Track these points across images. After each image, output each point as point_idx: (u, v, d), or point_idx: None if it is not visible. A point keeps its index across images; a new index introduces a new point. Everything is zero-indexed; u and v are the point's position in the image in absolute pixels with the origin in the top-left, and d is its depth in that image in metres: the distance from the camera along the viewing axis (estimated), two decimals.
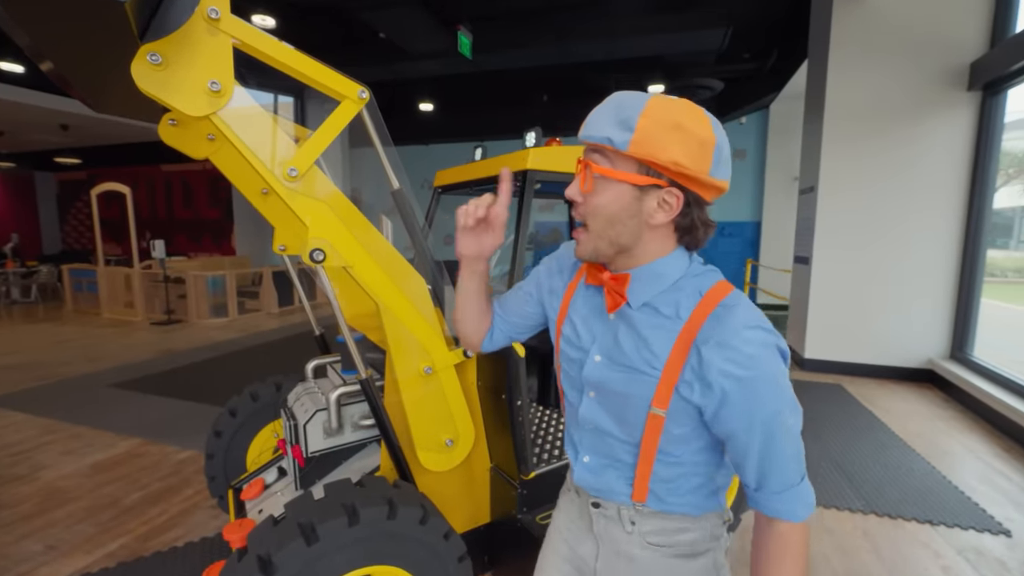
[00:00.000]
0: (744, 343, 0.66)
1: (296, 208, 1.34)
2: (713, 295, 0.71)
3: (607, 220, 0.71)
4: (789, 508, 0.70)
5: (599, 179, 0.70)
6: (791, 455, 0.69)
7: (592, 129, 0.68)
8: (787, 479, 0.70)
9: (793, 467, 0.70)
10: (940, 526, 2.29)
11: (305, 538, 1.16)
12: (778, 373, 0.67)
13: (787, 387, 0.68)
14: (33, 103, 6.78)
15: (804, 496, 0.71)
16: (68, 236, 13.49)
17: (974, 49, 3.97)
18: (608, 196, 0.70)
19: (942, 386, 4.15)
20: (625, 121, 0.65)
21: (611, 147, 0.67)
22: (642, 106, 0.66)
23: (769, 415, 0.67)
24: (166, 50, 1.12)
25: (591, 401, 0.81)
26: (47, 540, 2.19)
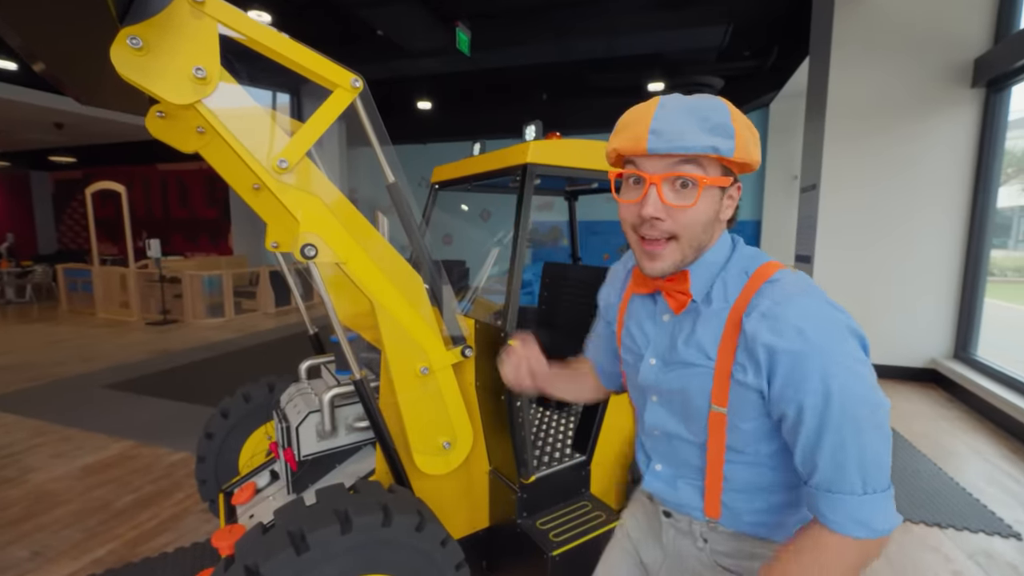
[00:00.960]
0: (788, 313, 0.63)
1: (287, 202, 1.29)
2: (760, 274, 0.69)
3: (703, 227, 0.69)
4: (835, 516, 0.61)
5: (701, 189, 0.66)
6: (852, 451, 0.60)
7: (686, 140, 0.64)
8: (842, 479, 0.61)
9: (853, 467, 0.60)
10: (949, 529, 2.25)
11: (295, 547, 1.11)
12: (836, 348, 0.61)
13: (852, 367, 0.61)
14: (27, 101, 6.71)
15: (864, 511, 0.60)
16: (64, 236, 13.41)
17: (978, 45, 3.92)
18: (705, 203, 0.68)
19: (946, 386, 4.10)
20: (722, 128, 0.65)
21: (716, 155, 0.65)
22: (727, 110, 0.66)
23: (822, 395, 0.60)
24: (148, 34, 1.06)
25: (654, 405, 0.80)
26: (33, 546, 2.13)
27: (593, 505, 1.80)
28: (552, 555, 1.53)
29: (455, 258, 7.86)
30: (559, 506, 1.79)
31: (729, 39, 5.73)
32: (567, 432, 2.13)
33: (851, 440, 0.60)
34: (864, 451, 0.61)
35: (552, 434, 2.11)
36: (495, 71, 6.99)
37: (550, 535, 1.62)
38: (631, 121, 0.69)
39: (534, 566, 1.59)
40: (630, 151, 0.68)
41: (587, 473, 1.88)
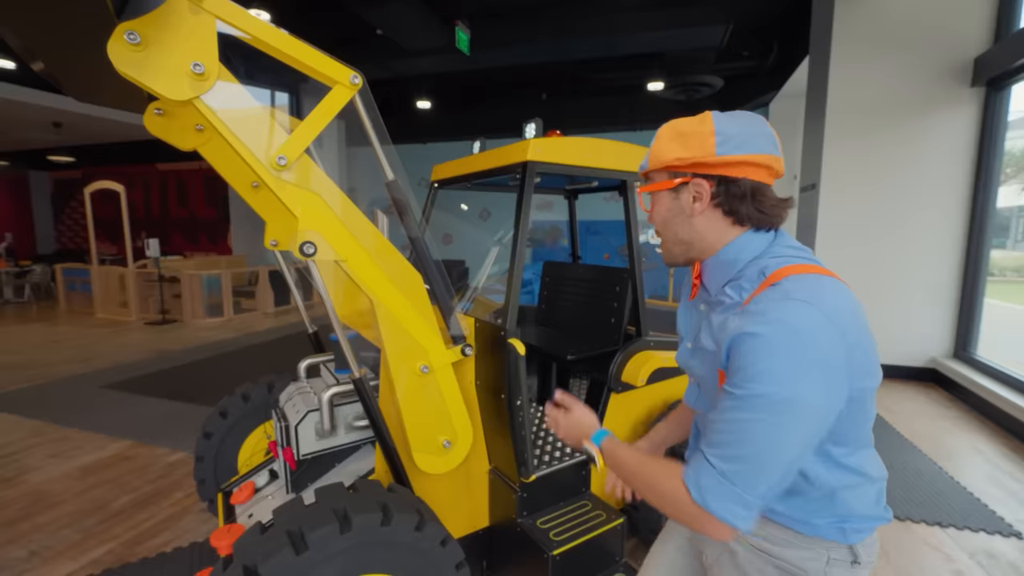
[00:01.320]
0: (762, 313, 0.67)
1: (285, 199, 1.28)
2: (774, 276, 0.71)
3: (662, 224, 0.85)
4: (688, 469, 0.71)
5: (649, 197, 0.86)
6: (733, 442, 0.66)
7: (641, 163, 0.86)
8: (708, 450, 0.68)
9: (722, 448, 0.67)
10: (950, 528, 2.24)
11: (294, 547, 1.10)
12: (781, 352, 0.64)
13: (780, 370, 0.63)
14: (25, 100, 6.69)
15: (705, 478, 0.67)
16: (63, 236, 13.37)
17: (978, 44, 3.92)
18: (657, 207, 0.85)
19: (946, 385, 4.10)
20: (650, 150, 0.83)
21: (643, 171, 0.85)
22: (662, 128, 0.82)
23: (743, 379, 0.66)
24: (145, 29, 1.05)
25: (693, 387, 0.98)
26: (30, 546, 2.12)
27: (593, 504, 1.80)
28: (552, 554, 1.53)
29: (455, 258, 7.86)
30: (559, 505, 1.78)
31: (729, 38, 5.72)
32: None
33: (736, 427, 0.66)
34: (741, 448, 0.66)
35: (553, 433, 2.10)
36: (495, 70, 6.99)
37: (550, 534, 1.61)
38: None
39: (534, 565, 1.58)
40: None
41: (587, 472, 1.87)
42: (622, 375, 1.89)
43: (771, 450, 0.65)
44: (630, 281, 2.01)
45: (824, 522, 0.77)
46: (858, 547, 0.79)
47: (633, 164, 1.92)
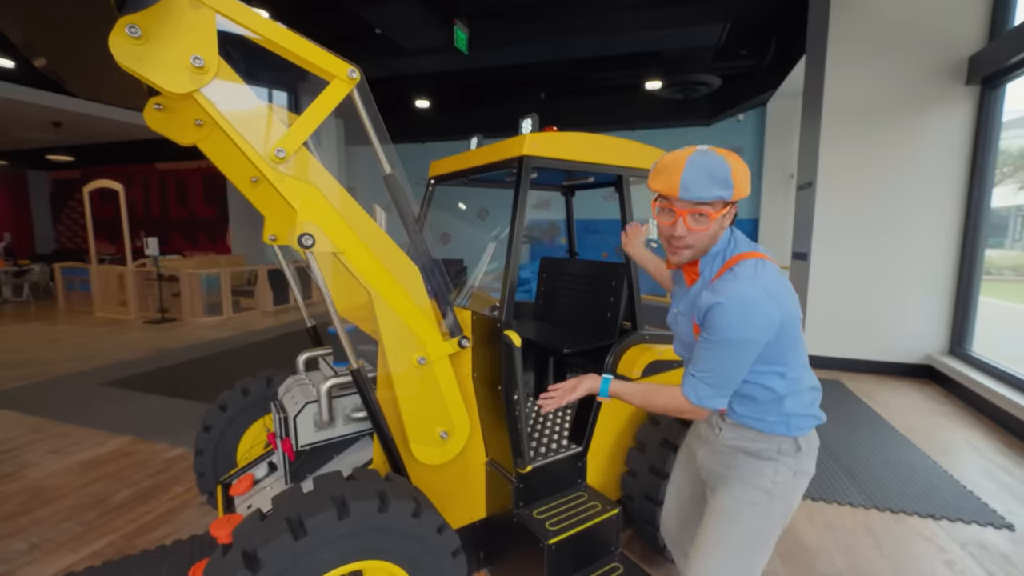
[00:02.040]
0: (725, 291, 1.04)
1: (284, 191, 1.29)
2: (729, 263, 1.10)
3: (711, 239, 1.10)
4: (684, 383, 1.12)
5: (706, 220, 1.05)
6: (709, 362, 1.07)
7: (702, 192, 1.02)
8: (694, 368, 1.10)
9: (703, 366, 1.08)
10: (943, 520, 2.26)
11: (292, 532, 1.11)
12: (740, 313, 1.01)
13: (738, 323, 1.02)
14: (24, 99, 6.69)
15: (698, 387, 1.09)
16: (62, 235, 13.37)
17: (972, 43, 3.95)
18: (713, 226, 1.07)
19: (941, 382, 4.12)
20: (725, 182, 1.02)
21: (721, 200, 1.04)
22: (728, 167, 1.02)
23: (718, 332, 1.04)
24: (146, 23, 1.07)
25: (678, 341, 1.26)
26: (31, 539, 2.13)
27: (589, 495, 1.82)
28: (548, 543, 1.54)
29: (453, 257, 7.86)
30: (555, 496, 1.80)
31: (726, 37, 5.75)
32: (564, 424, 2.14)
33: (711, 355, 1.07)
34: (713, 364, 1.07)
35: (549, 426, 2.12)
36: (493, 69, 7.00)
37: (546, 524, 1.63)
38: (666, 169, 1.05)
39: (530, 555, 1.60)
40: (666, 193, 1.06)
41: (583, 464, 1.89)
42: (618, 368, 1.91)
43: (732, 368, 1.07)
44: (625, 276, 2.03)
45: (774, 419, 1.14)
46: (800, 439, 1.16)
47: (628, 159, 1.94)
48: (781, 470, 1.15)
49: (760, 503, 1.15)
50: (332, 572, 1.18)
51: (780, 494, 1.15)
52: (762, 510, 1.15)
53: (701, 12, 5.35)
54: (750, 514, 1.15)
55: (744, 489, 1.16)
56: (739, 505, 1.16)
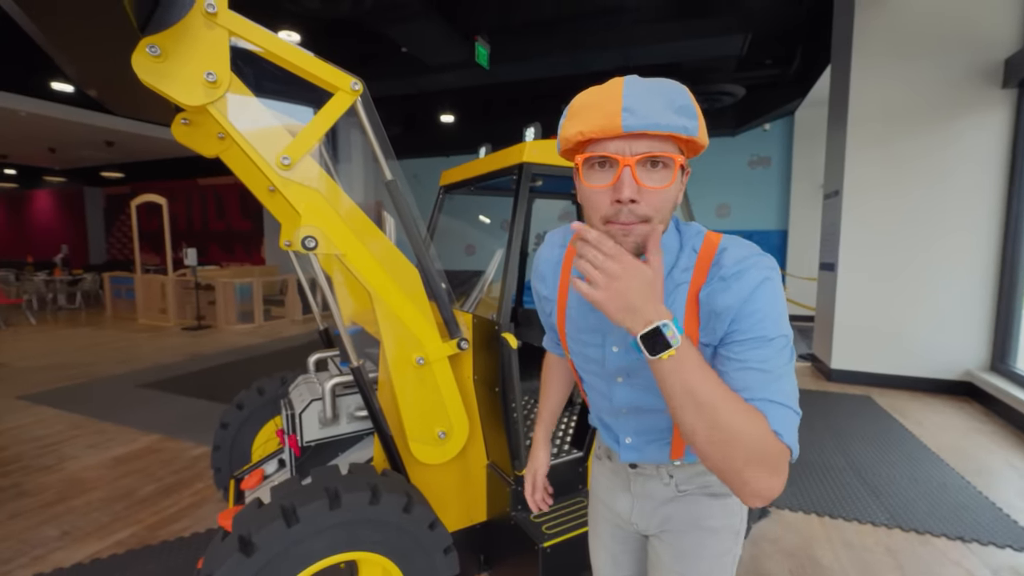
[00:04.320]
0: (741, 271, 0.68)
1: (289, 196, 1.38)
2: (707, 246, 0.74)
3: (673, 204, 0.71)
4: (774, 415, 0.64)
5: (667, 173, 0.66)
6: (783, 371, 0.67)
7: (661, 119, 0.63)
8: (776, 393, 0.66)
9: (780, 384, 0.66)
10: (973, 543, 2.13)
11: (286, 519, 1.16)
12: (776, 293, 0.68)
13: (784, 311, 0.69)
14: (80, 120, 7.24)
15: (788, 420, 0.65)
16: (113, 247, 14.23)
17: (1008, 44, 3.79)
18: (676, 184, 0.69)
19: (982, 399, 3.89)
20: (687, 109, 0.66)
21: (684, 136, 0.65)
22: (687, 93, 0.68)
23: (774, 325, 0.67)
24: (165, 43, 1.18)
25: (621, 386, 0.83)
26: (63, 526, 2.27)
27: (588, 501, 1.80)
28: (543, 547, 1.54)
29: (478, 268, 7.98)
30: (555, 501, 1.79)
31: (748, 47, 5.68)
32: (568, 429, 2.14)
33: (784, 366, 0.67)
34: (790, 379, 0.68)
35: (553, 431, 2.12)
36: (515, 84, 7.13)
37: (543, 527, 1.63)
38: (595, 102, 0.67)
39: (525, 557, 1.61)
40: (601, 131, 0.64)
41: (584, 470, 1.88)
42: None
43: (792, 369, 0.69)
44: None
45: None
46: None
47: None
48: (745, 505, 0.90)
49: (734, 551, 0.90)
50: (324, 561, 1.22)
51: (742, 531, 0.92)
52: (733, 556, 0.91)
53: (721, 23, 5.32)
54: (729, 567, 0.90)
55: (717, 541, 0.88)
56: (721, 559, 0.89)
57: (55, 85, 6.47)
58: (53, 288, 9.73)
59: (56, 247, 12.18)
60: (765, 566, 1.99)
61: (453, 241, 10.38)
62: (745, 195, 8.48)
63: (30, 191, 14.56)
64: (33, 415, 3.76)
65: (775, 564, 2.00)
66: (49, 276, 9.82)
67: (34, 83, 6.49)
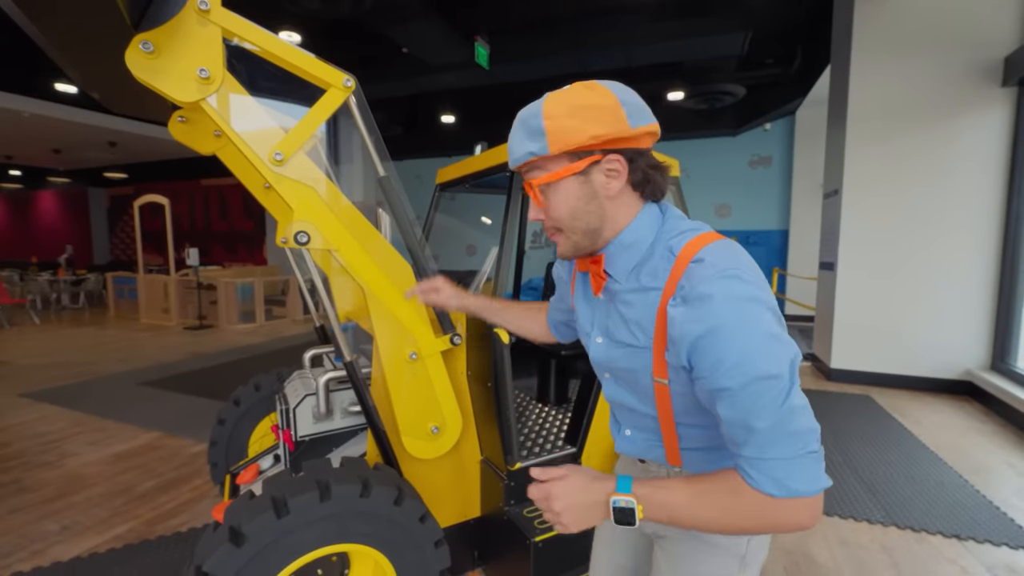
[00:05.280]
0: (712, 296, 0.61)
1: (282, 191, 1.39)
2: (685, 252, 0.68)
3: (570, 215, 0.73)
4: (755, 476, 0.62)
5: (545, 188, 0.73)
6: (769, 423, 0.60)
7: (514, 154, 0.74)
8: (764, 449, 0.61)
9: (769, 436, 0.61)
10: (969, 541, 2.13)
11: (276, 511, 1.17)
12: (749, 327, 0.60)
13: (762, 344, 0.60)
14: (84, 121, 7.29)
15: (776, 470, 0.61)
16: (116, 247, 14.32)
17: (1007, 42, 3.78)
18: (560, 196, 0.73)
19: (982, 398, 3.87)
20: (534, 130, 0.70)
21: (537, 157, 0.71)
22: (540, 111, 0.71)
23: (743, 379, 0.60)
24: (158, 39, 1.19)
25: (609, 382, 0.85)
26: (63, 521, 2.29)
27: None
28: (534, 541, 1.55)
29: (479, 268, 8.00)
30: None
31: (749, 46, 5.69)
32: (562, 426, 2.15)
33: (765, 412, 0.60)
34: (779, 415, 0.60)
35: (547, 427, 2.13)
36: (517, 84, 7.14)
37: (535, 522, 1.64)
38: None
39: (517, 552, 1.61)
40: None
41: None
42: None
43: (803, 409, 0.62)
44: None
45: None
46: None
47: None
48: (752, 546, 0.82)
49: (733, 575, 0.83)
50: (314, 552, 1.23)
51: (753, 559, 0.82)
52: None
53: (721, 22, 5.32)
54: None
55: (715, 557, 0.82)
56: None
57: (59, 86, 6.53)
58: (57, 288, 9.80)
59: (60, 247, 12.26)
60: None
61: (454, 241, 10.39)
62: (746, 195, 8.47)
63: (35, 192, 14.68)
64: (35, 412, 3.79)
65: (769, 561, 2.00)
66: (53, 276, 9.89)
67: (38, 84, 6.55)
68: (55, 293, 9.81)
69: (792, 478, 0.61)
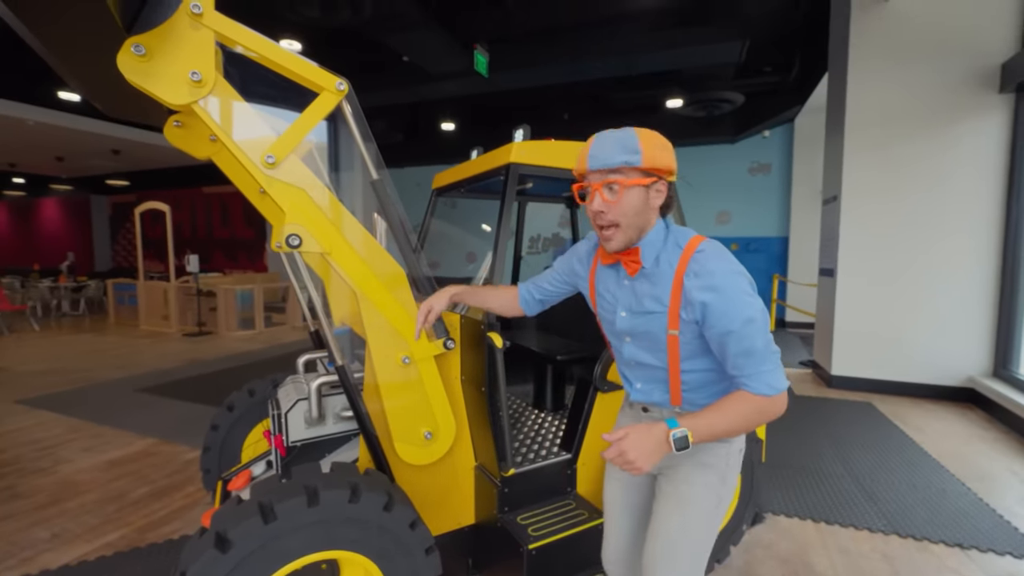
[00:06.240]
0: (713, 272, 0.97)
1: (274, 194, 1.38)
2: (690, 246, 1.03)
3: (632, 213, 1.02)
4: (756, 386, 0.96)
5: (625, 190, 1.01)
6: (759, 349, 0.95)
7: (607, 159, 0.99)
8: (757, 366, 0.95)
9: (759, 358, 0.95)
10: (972, 550, 2.09)
11: (263, 516, 1.16)
12: (740, 291, 0.96)
13: (748, 300, 0.96)
14: (87, 129, 7.34)
15: (768, 378, 0.95)
16: (118, 254, 14.36)
17: (1004, 49, 3.80)
18: (631, 198, 1.02)
19: (985, 406, 3.84)
20: (632, 148, 0.99)
21: (629, 166, 0.99)
22: (636, 136, 1.00)
23: (740, 322, 0.95)
24: (150, 42, 1.19)
25: (629, 345, 1.15)
26: (54, 529, 2.27)
27: (577, 504, 1.79)
28: (528, 548, 1.53)
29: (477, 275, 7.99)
30: (543, 503, 1.78)
31: (747, 54, 5.71)
32: (558, 432, 2.12)
33: (755, 342, 0.95)
34: (766, 342, 0.96)
35: (542, 433, 2.11)
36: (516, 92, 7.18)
37: (529, 529, 1.61)
38: (580, 152, 1.06)
39: (511, 560, 1.59)
40: (579, 170, 1.06)
41: (573, 472, 1.87)
42: (607, 375, 1.89)
43: (769, 335, 0.97)
44: None
45: (722, 393, 1.08)
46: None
47: None
48: (732, 452, 1.12)
49: (714, 487, 1.11)
50: (302, 559, 1.21)
51: (730, 477, 1.12)
52: (716, 496, 1.11)
53: (719, 30, 5.36)
54: (710, 499, 1.10)
55: (702, 472, 1.10)
56: (700, 491, 1.10)
57: (62, 94, 6.58)
58: (58, 295, 9.81)
59: (63, 255, 12.31)
60: (758, 572, 1.96)
61: (454, 248, 10.41)
62: (745, 202, 8.47)
63: (37, 199, 14.76)
64: (31, 419, 3.77)
65: (768, 570, 1.97)
66: (54, 283, 9.90)
67: (41, 92, 6.60)
68: (56, 300, 9.82)
69: (776, 380, 0.96)
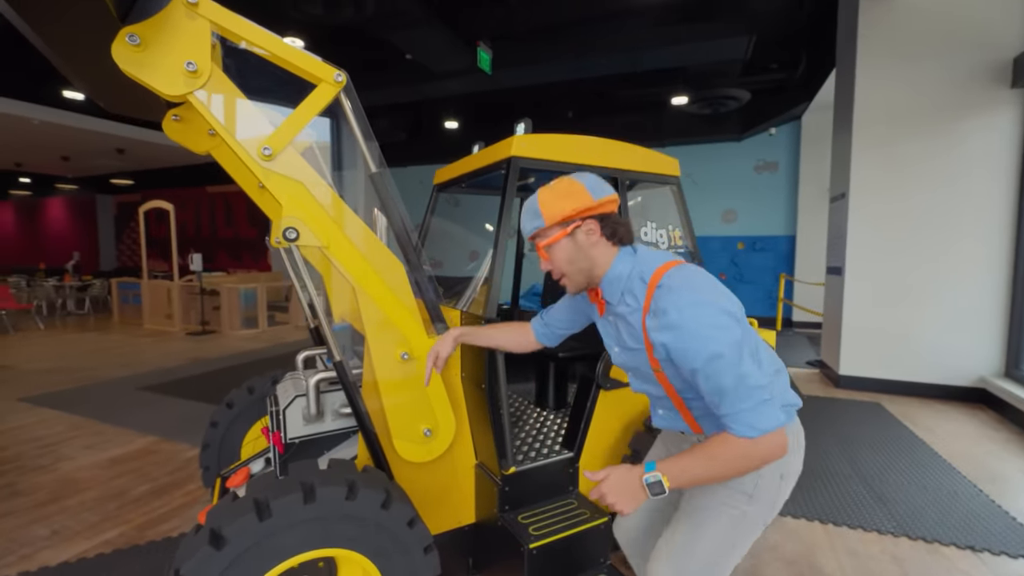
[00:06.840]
0: (667, 310, 0.94)
1: (271, 187, 1.36)
2: (652, 280, 1.01)
3: (568, 264, 1.09)
4: (735, 427, 0.91)
5: (549, 248, 1.09)
6: (730, 387, 0.89)
7: (525, 230, 1.12)
8: (733, 405, 0.90)
9: (733, 396, 0.89)
10: (984, 553, 2.04)
11: (258, 513, 1.13)
12: (702, 324, 0.90)
13: (712, 335, 0.89)
14: (92, 128, 7.37)
15: (748, 418, 0.89)
16: (123, 253, 14.44)
17: (1016, 43, 3.73)
18: (558, 252, 1.09)
19: (996, 406, 3.78)
20: (534, 212, 1.08)
21: (540, 230, 1.08)
22: (537, 199, 1.08)
23: (703, 359, 0.90)
24: (145, 32, 1.17)
25: (632, 378, 1.19)
26: (53, 526, 2.26)
27: (579, 503, 1.76)
28: (529, 548, 1.50)
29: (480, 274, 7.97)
30: (544, 503, 1.75)
31: (753, 51, 5.66)
32: (560, 430, 2.09)
33: (726, 378, 0.90)
34: (737, 381, 0.89)
35: (545, 432, 2.08)
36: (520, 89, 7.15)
37: (530, 528, 1.58)
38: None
39: (512, 560, 1.56)
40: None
41: (575, 471, 1.83)
42: (610, 372, 1.86)
43: (752, 365, 0.91)
44: None
45: None
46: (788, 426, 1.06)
47: (623, 161, 1.93)
48: (765, 473, 1.06)
49: (738, 506, 1.08)
50: (298, 557, 1.19)
51: (762, 497, 1.08)
52: (739, 513, 1.08)
53: (725, 26, 5.31)
54: (726, 516, 1.08)
55: (724, 492, 1.08)
56: (715, 507, 1.09)
57: (67, 93, 6.61)
58: (63, 294, 9.86)
59: (68, 254, 12.39)
60: (764, 574, 1.92)
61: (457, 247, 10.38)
62: (752, 200, 8.40)
63: (43, 199, 14.86)
64: (34, 416, 3.78)
65: (774, 572, 1.93)
66: (59, 282, 9.96)
67: (46, 92, 6.63)
68: (61, 299, 9.87)
69: (760, 420, 0.89)
